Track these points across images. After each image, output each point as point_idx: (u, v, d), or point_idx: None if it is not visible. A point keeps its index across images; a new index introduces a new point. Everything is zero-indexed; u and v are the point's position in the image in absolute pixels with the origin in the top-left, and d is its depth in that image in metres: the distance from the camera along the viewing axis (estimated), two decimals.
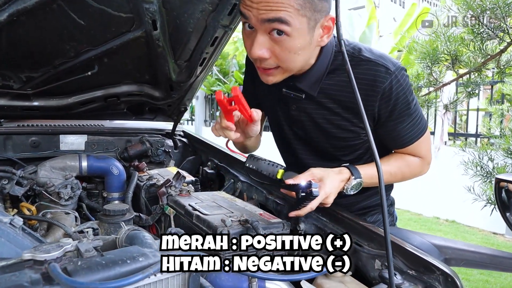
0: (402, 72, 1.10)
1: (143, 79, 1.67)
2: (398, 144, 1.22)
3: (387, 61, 1.09)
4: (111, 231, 1.11)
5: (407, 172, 1.25)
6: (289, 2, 0.91)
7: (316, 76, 1.13)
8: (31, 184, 1.33)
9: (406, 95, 1.11)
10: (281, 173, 1.15)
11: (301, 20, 0.94)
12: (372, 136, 0.85)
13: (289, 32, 0.95)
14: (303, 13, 0.94)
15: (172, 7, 1.31)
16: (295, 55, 1.01)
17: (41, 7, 1.16)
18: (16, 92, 1.51)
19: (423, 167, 1.27)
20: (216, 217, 1.06)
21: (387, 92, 1.08)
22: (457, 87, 4.56)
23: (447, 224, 5.42)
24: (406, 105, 1.13)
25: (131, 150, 1.80)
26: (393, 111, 1.12)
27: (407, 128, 1.17)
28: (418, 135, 1.20)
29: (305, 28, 0.96)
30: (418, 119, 1.18)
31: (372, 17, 9.74)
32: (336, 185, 1.11)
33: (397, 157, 1.25)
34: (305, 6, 0.93)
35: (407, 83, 1.12)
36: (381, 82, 1.07)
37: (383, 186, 0.78)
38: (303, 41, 0.98)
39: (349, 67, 0.86)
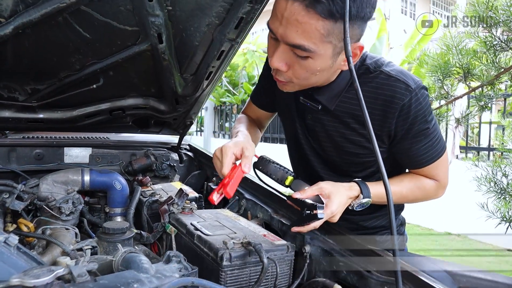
0: (422, 90, 1.07)
1: (149, 92, 1.65)
2: (414, 164, 1.18)
3: (408, 78, 1.06)
4: (110, 250, 1.08)
5: (419, 194, 1.20)
6: (315, 27, 0.87)
7: (336, 90, 1.11)
8: (31, 198, 1.31)
9: (425, 115, 1.07)
10: (290, 180, 1.13)
11: (326, 46, 0.92)
12: (379, 154, 0.81)
13: (311, 56, 0.93)
14: (329, 40, 0.91)
15: (178, 20, 1.29)
16: (312, 75, 0.99)
17: (47, 20, 1.16)
18: (21, 104, 1.50)
19: (438, 191, 1.22)
20: (218, 238, 1.02)
21: (406, 109, 1.05)
22: (469, 100, 4.49)
23: (459, 240, 5.29)
24: (425, 124, 1.09)
25: (135, 164, 1.77)
26: (410, 130, 1.08)
27: (423, 148, 1.13)
28: (435, 157, 1.15)
29: (329, 54, 0.94)
30: (436, 140, 1.14)
31: (382, 29, 9.70)
32: (343, 202, 1.08)
33: (411, 178, 1.20)
34: (332, 33, 0.89)
35: (427, 102, 1.08)
36: (400, 98, 1.04)
37: (392, 210, 0.74)
38: (324, 65, 0.97)
39: (358, 85, 0.82)
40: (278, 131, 9.15)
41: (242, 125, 1.33)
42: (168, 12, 1.24)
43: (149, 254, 1.22)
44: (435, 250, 4.82)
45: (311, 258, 1.09)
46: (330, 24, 0.87)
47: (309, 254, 1.09)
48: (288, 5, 0.88)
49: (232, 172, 0.97)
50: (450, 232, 5.53)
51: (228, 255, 0.93)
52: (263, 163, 1.15)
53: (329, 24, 0.87)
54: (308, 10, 0.85)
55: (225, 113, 9.88)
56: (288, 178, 1.13)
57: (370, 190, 1.10)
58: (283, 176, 1.13)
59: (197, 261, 1.04)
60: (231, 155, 0.99)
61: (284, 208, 1.30)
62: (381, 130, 1.09)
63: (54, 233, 1.23)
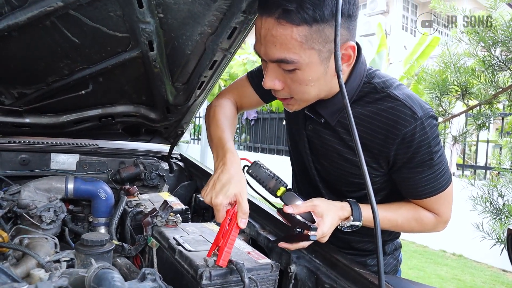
0: (430, 120, 0.99)
1: (140, 100, 1.62)
2: (413, 194, 1.11)
3: (415, 104, 0.99)
4: (88, 263, 1.03)
5: (416, 226, 1.13)
6: (291, 37, 0.86)
7: (339, 105, 1.06)
8: (11, 206, 1.27)
9: (430, 145, 1.00)
10: (282, 191, 1.09)
11: (308, 53, 0.89)
12: (368, 176, 0.78)
13: (298, 67, 0.90)
14: (310, 46, 0.88)
15: (170, 28, 1.27)
16: (308, 87, 0.95)
17: (34, 23, 1.13)
18: (7, 108, 1.47)
19: (437, 226, 1.15)
20: (200, 255, 0.98)
21: (409, 137, 0.98)
22: (466, 118, 4.48)
23: (454, 259, 5.23)
24: (429, 155, 1.02)
25: (123, 172, 1.73)
26: (412, 159, 1.02)
27: (425, 180, 1.05)
28: (436, 190, 1.07)
29: (315, 60, 0.91)
30: (440, 173, 1.06)
31: (382, 44, 9.75)
32: (335, 223, 1.04)
33: (409, 208, 1.13)
34: (311, 38, 0.86)
35: (434, 132, 1.01)
36: (403, 125, 0.98)
37: (379, 233, 0.70)
38: (315, 73, 0.93)
39: (347, 102, 0.79)
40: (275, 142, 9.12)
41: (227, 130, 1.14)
42: (159, 19, 1.22)
43: (130, 268, 1.18)
44: (429, 267, 4.76)
45: (296, 278, 1.05)
46: (305, 29, 0.85)
47: (294, 274, 1.05)
48: (262, 23, 0.88)
49: (228, 231, 0.91)
50: (445, 250, 5.48)
51: (208, 274, 0.88)
52: (256, 169, 1.10)
53: (304, 30, 0.85)
54: (279, 22, 0.85)
55: None
56: (280, 189, 1.09)
57: (362, 213, 1.05)
58: (276, 186, 1.09)
59: (177, 277, 1.00)
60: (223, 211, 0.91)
61: (271, 224, 1.26)
62: (379, 154, 1.04)
63: (32, 243, 1.18)
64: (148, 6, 1.16)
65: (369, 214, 1.05)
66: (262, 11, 0.89)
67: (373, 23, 13.80)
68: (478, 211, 2.68)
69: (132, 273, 1.14)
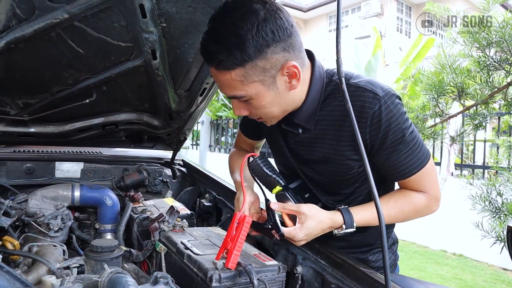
0: (392, 98, 1.05)
1: (142, 107, 1.65)
2: (396, 175, 1.14)
3: (375, 87, 1.05)
4: (98, 269, 1.05)
5: (410, 212, 1.16)
6: (231, 79, 0.96)
7: (311, 109, 1.11)
8: (19, 214, 1.29)
9: (398, 122, 1.05)
10: (277, 190, 1.14)
11: (252, 86, 0.98)
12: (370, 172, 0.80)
13: (249, 97, 1.00)
14: (251, 80, 0.96)
15: (172, 37, 1.30)
16: (268, 109, 1.04)
17: (40, 35, 1.15)
18: (12, 118, 1.49)
19: (430, 204, 1.17)
20: (208, 258, 1.00)
21: (376, 118, 1.03)
22: (463, 119, 4.51)
23: (455, 258, 5.25)
24: (400, 132, 1.06)
25: (127, 179, 1.75)
26: (385, 139, 1.06)
27: (404, 157, 1.09)
28: (418, 166, 1.10)
29: (261, 89, 0.99)
30: (416, 148, 1.10)
31: (377, 46, 9.81)
32: (314, 233, 1.07)
33: (398, 196, 1.17)
34: (249, 74, 0.95)
35: (399, 109, 1.06)
36: (369, 107, 1.02)
37: (384, 234, 0.72)
38: (267, 98, 1.01)
39: (350, 106, 0.82)
40: None
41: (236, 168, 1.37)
42: (162, 28, 1.25)
43: (138, 273, 1.20)
44: (430, 268, 4.78)
45: (303, 279, 1.07)
46: (240, 70, 0.95)
47: (301, 275, 1.07)
48: (212, 71, 1.00)
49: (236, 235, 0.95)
50: (446, 250, 5.50)
51: (217, 276, 0.91)
52: (255, 167, 1.14)
53: (240, 71, 0.95)
54: (218, 70, 0.97)
55: (221, 127, 9.89)
56: (276, 188, 1.13)
57: (354, 218, 1.08)
58: (271, 185, 1.14)
59: (186, 281, 1.02)
60: None
61: None
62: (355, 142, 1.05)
63: (41, 250, 1.20)
64: (151, 16, 1.19)
65: (362, 217, 1.10)
66: (207, 63, 1.00)
67: (367, 25, 13.89)
68: (477, 210, 2.71)
69: (140, 278, 1.16)
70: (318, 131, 1.13)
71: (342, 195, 1.20)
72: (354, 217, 1.08)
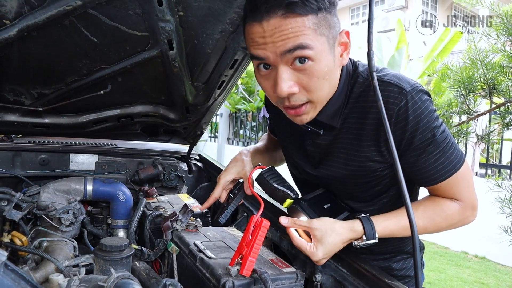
0: (420, 94, 0.95)
1: (159, 100, 1.60)
2: (425, 180, 1.03)
3: (402, 81, 0.95)
4: (107, 268, 1.01)
5: (442, 222, 1.05)
6: (305, 24, 0.83)
7: (337, 105, 1.01)
8: (30, 207, 1.26)
9: (428, 120, 0.94)
10: (288, 203, 1.05)
11: (321, 40, 0.86)
12: (405, 187, 0.72)
13: (313, 57, 0.86)
14: (321, 32, 0.86)
15: (190, 26, 1.23)
16: (324, 81, 0.91)
17: (52, 23, 1.11)
18: (27, 108, 1.46)
19: (465, 214, 1.04)
20: (222, 263, 0.94)
21: (402, 115, 0.93)
22: (490, 117, 4.32)
23: (477, 261, 5.08)
24: (430, 131, 0.95)
25: (142, 173, 1.71)
26: (413, 139, 0.95)
27: (434, 160, 0.98)
28: (450, 170, 0.99)
29: (326, 48, 0.88)
30: (449, 149, 0.98)
31: (401, 40, 9.54)
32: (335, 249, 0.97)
33: (428, 204, 1.06)
34: (320, 25, 0.85)
35: (428, 106, 0.95)
36: (393, 103, 0.93)
37: (417, 248, 0.65)
38: (328, 62, 0.89)
39: (382, 104, 0.74)
40: None
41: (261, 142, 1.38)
42: (179, 17, 1.18)
43: (149, 273, 1.15)
44: (451, 270, 4.63)
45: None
46: (314, 17, 0.84)
47: (320, 284, 1.01)
48: (264, 26, 0.84)
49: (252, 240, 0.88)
50: (467, 252, 5.33)
51: (231, 284, 0.85)
52: (262, 181, 1.06)
53: (313, 18, 0.84)
54: (287, 16, 0.82)
55: (240, 120, 9.83)
56: (287, 201, 1.04)
57: (376, 229, 0.99)
58: (282, 197, 1.05)
59: (198, 285, 0.97)
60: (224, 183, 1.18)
61: None
62: (378, 142, 0.98)
63: (50, 246, 1.17)
64: (168, 4, 1.12)
65: (385, 227, 1.00)
66: (260, 16, 0.84)
67: (391, 18, 13.56)
68: (506, 213, 2.57)
69: (151, 279, 1.11)
70: (342, 129, 1.03)
71: (360, 200, 1.12)
72: (376, 227, 0.98)
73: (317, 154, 1.10)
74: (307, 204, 1.03)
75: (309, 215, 1.01)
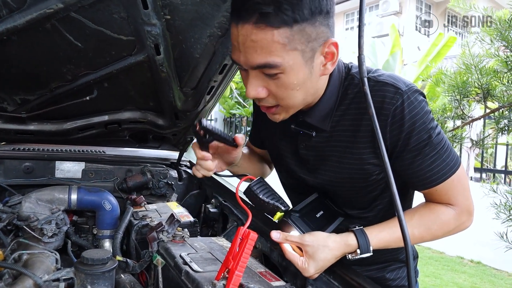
0: (416, 94, 0.93)
1: (147, 105, 1.56)
2: (421, 183, 0.99)
3: (397, 81, 0.93)
4: (89, 283, 0.96)
5: (438, 230, 1.01)
6: (272, 40, 0.79)
7: (327, 107, 0.98)
8: (10, 218, 1.21)
9: (423, 121, 0.92)
10: (278, 216, 1.00)
11: (292, 55, 0.82)
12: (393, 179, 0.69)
13: (282, 71, 0.84)
14: (293, 47, 0.81)
15: (177, 30, 1.20)
16: (294, 91, 0.88)
17: (34, 26, 1.07)
18: (9, 115, 1.42)
19: (461, 219, 1.01)
20: (208, 276, 0.90)
21: (398, 115, 0.91)
22: (484, 122, 4.32)
23: (472, 266, 5.06)
24: (426, 133, 0.93)
25: (130, 181, 1.66)
26: (409, 140, 0.93)
27: (430, 162, 0.95)
28: (446, 172, 0.96)
29: (299, 62, 0.84)
30: (445, 152, 0.96)
31: (395, 45, 9.58)
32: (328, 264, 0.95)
33: (423, 212, 1.03)
34: (293, 39, 0.80)
35: (424, 107, 0.93)
36: (389, 103, 0.90)
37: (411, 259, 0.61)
38: (300, 75, 0.86)
39: (373, 111, 0.71)
40: None
41: None
42: (166, 21, 1.15)
43: (134, 286, 1.11)
44: (446, 275, 4.60)
45: None
46: (286, 31, 0.79)
47: None
48: (239, 30, 0.82)
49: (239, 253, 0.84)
50: (463, 256, 5.31)
51: None
52: (250, 194, 1.00)
53: (285, 32, 0.79)
54: (258, 26, 0.79)
55: (235, 125, 9.82)
56: (277, 214, 1.00)
57: (371, 241, 0.96)
58: (272, 210, 1.00)
59: None
60: None
61: None
62: (374, 144, 0.95)
63: (31, 259, 1.12)
64: (154, 8, 1.09)
65: (380, 239, 0.97)
66: (237, 18, 0.82)
67: (385, 24, 13.62)
68: (501, 219, 2.55)
69: None
70: (334, 132, 1.00)
71: (354, 205, 1.09)
72: (371, 240, 0.95)
73: (311, 157, 1.07)
74: (298, 216, 0.98)
75: (301, 229, 0.96)
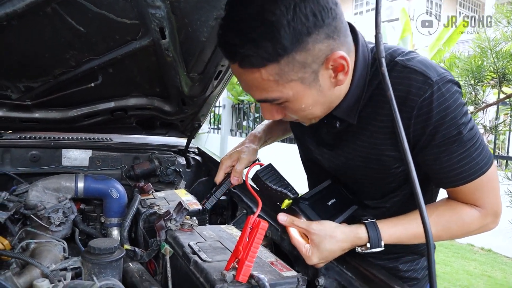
0: (449, 84, 0.83)
1: (153, 91, 1.52)
2: (445, 181, 0.92)
3: (428, 68, 0.84)
4: (96, 272, 0.95)
5: (458, 230, 0.94)
6: (262, 78, 0.76)
7: (354, 99, 0.90)
8: (17, 207, 1.19)
9: (454, 115, 0.83)
10: (287, 204, 0.97)
11: (289, 86, 0.78)
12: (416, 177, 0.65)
13: (285, 100, 0.81)
14: (287, 79, 0.77)
15: (182, 13, 1.15)
16: (307, 111, 0.85)
17: (34, 11, 1.03)
18: (14, 102, 1.39)
19: (485, 221, 0.93)
20: (217, 266, 0.87)
21: (426, 107, 0.82)
22: (498, 107, 4.21)
23: (483, 253, 5.01)
24: (455, 128, 0.84)
25: (137, 168, 1.64)
26: (435, 135, 0.84)
27: (457, 160, 0.86)
28: (475, 172, 0.87)
29: (301, 89, 0.79)
30: (476, 149, 0.86)
31: (406, 29, 9.39)
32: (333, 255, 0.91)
33: (444, 209, 0.95)
34: (285, 72, 0.75)
35: (457, 99, 0.84)
36: (416, 94, 0.82)
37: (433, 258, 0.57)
38: (308, 98, 0.82)
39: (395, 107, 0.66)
40: None
41: None
42: (170, 3, 1.10)
43: (142, 275, 1.09)
44: (457, 263, 4.56)
45: None
46: (273, 67, 0.75)
47: (323, 287, 0.94)
48: (232, 68, 0.81)
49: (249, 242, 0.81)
50: (473, 244, 5.25)
51: None
52: (258, 181, 0.98)
53: (273, 68, 0.75)
54: (243, 69, 0.77)
55: (243, 111, 9.75)
56: (285, 202, 0.97)
57: (383, 236, 0.90)
58: (280, 198, 0.97)
59: None
60: (225, 168, 1.08)
61: None
62: (394, 135, 0.88)
63: (38, 248, 1.11)
64: None
65: (391, 234, 0.92)
66: (227, 59, 0.81)
67: (395, 8, 13.35)
68: None
69: (144, 281, 1.05)
70: (362, 124, 0.93)
71: (372, 196, 1.04)
72: (383, 234, 0.90)
73: (329, 140, 1.02)
74: (308, 203, 0.95)
75: (309, 217, 0.93)
